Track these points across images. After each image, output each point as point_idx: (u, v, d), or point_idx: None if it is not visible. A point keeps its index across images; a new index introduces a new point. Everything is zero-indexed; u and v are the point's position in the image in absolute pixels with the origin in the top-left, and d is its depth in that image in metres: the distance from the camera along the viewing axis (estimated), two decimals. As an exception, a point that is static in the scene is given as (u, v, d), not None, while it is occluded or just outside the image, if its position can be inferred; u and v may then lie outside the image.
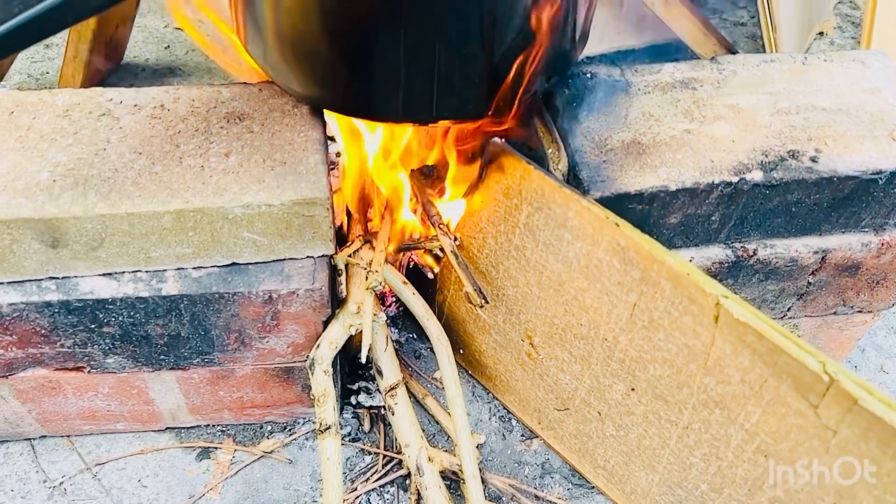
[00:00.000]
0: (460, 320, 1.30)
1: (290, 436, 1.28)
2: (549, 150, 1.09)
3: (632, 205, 1.03)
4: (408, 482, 1.22)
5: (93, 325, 1.03)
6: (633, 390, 1.05)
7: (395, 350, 1.27)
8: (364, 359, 1.08)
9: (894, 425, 0.77)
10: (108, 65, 1.92)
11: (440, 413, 1.29)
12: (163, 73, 2.00)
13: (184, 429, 1.29)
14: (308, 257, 1.05)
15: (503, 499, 1.21)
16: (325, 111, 1.09)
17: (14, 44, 0.74)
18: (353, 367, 1.34)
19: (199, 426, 1.29)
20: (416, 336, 1.43)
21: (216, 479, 1.22)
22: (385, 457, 1.25)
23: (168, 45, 2.08)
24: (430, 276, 1.27)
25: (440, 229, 1.15)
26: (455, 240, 1.15)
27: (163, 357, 1.11)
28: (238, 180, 0.97)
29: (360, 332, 1.10)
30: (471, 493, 1.10)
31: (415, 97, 0.96)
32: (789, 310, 1.27)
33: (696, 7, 1.93)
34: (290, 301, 1.04)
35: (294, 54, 0.98)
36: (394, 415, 1.18)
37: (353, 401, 1.31)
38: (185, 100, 1.07)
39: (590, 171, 1.04)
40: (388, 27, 0.89)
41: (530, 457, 1.28)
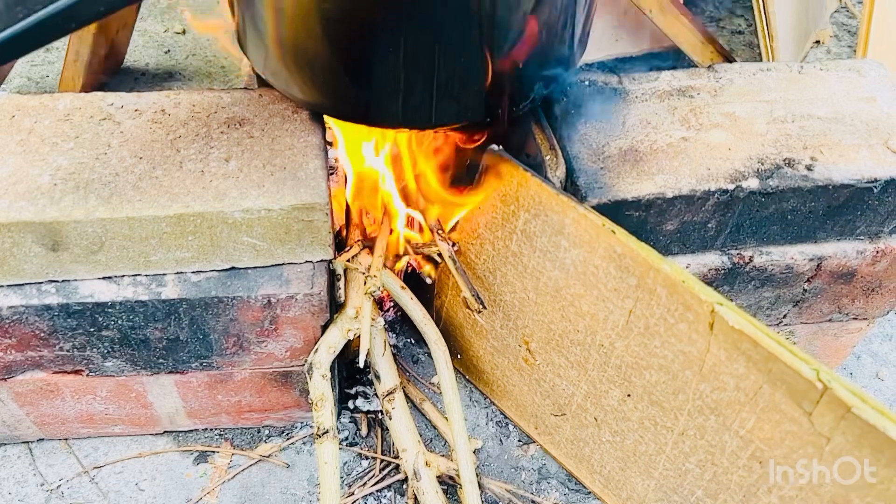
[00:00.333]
0: (458, 325, 1.31)
1: (288, 440, 1.29)
2: (547, 157, 1.09)
3: (629, 212, 1.04)
4: (405, 487, 1.22)
5: (92, 329, 1.03)
6: (629, 396, 1.06)
7: (393, 355, 1.27)
8: (362, 363, 1.09)
9: (887, 433, 0.78)
10: (108, 69, 1.93)
11: (437, 418, 1.29)
12: (163, 77, 2.01)
13: (182, 432, 1.29)
14: (307, 262, 1.05)
15: (500, 504, 1.22)
16: (325, 117, 1.10)
17: (17, 49, 0.75)
18: (350, 372, 1.34)
19: (196, 430, 1.29)
20: (413, 341, 1.44)
21: (214, 482, 1.23)
22: (382, 461, 1.25)
23: (168, 50, 2.09)
24: (429, 281, 1.27)
25: (438, 235, 1.16)
26: (453, 245, 1.16)
27: (161, 361, 1.11)
28: (238, 185, 0.98)
29: (359, 337, 1.10)
30: (468, 498, 1.10)
31: (414, 103, 0.97)
32: (785, 316, 1.27)
33: (694, 16, 1.94)
34: (288, 306, 1.04)
35: (294, 61, 0.99)
36: (391, 419, 1.18)
37: (351, 405, 1.31)
38: (186, 105, 1.07)
39: (587, 178, 1.05)
40: (387, 35, 0.89)
41: (527, 462, 1.28)
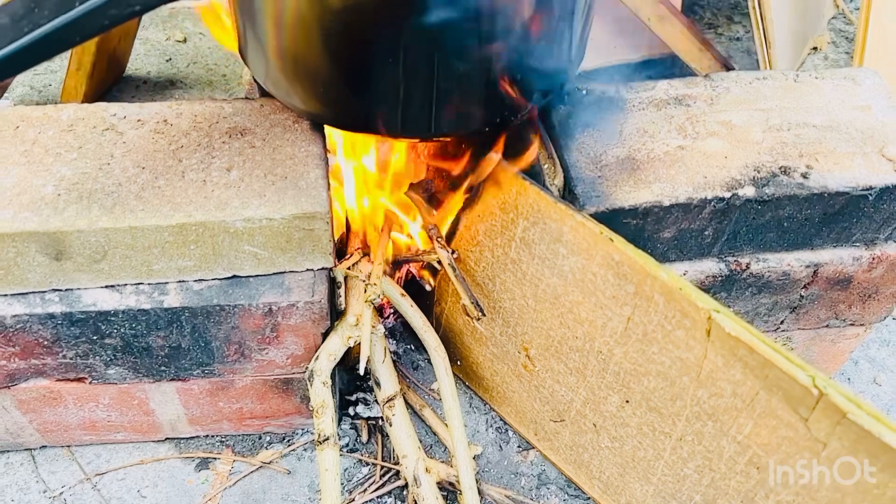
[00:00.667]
0: (458, 332, 1.32)
1: (289, 446, 1.29)
2: (545, 166, 1.10)
3: (626, 219, 1.05)
4: (405, 493, 1.23)
5: (95, 337, 1.04)
6: (627, 402, 1.07)
7: (394, 361, 1.28)
8: (362, 371, 1.10)
9: (882, 438, 0.78)
10: (110, 77, 1.94)
11: (437, 424, 1.30)
12: (164, 85, 2.02)
13: (183, 439, 1.30)
14: (308, 270, 1.06)
15: (499, 510, 1.22)
16: (326, 126, 1.11)
17: (23, 62, 0.76)
18: (351, 378, 1.35)
19: (198, 437, 1.30)
20: (414, 347, 1.45)
21: (215, 489, 1.23)
22: (383, 468, 1.26)
23: (169, 58, 2.10)
24: (428, 288, 1.28)
25: (438, 242, 1.17)
26: (452, 253, 1.17)
27: (163, 368, 1.12)
28: (239, 194, 0.99)
29: (359, 344, 1.11)
30: (467, 504, 1.11)
31: (414, 113, 0.98)
32: (782, 322, 1.28)
33: (692, 23, 1.96)
34: (289, 313, 1.05)
35: (295, 71, 1.00)
36: (391, 426, 1.19)
37: (352, 412, 1.32)
38: (188, 115, 1.09)
39: (585, 187, 1.06)
40: (386, 46, 0.90)
41: (527, 468, 1.29)
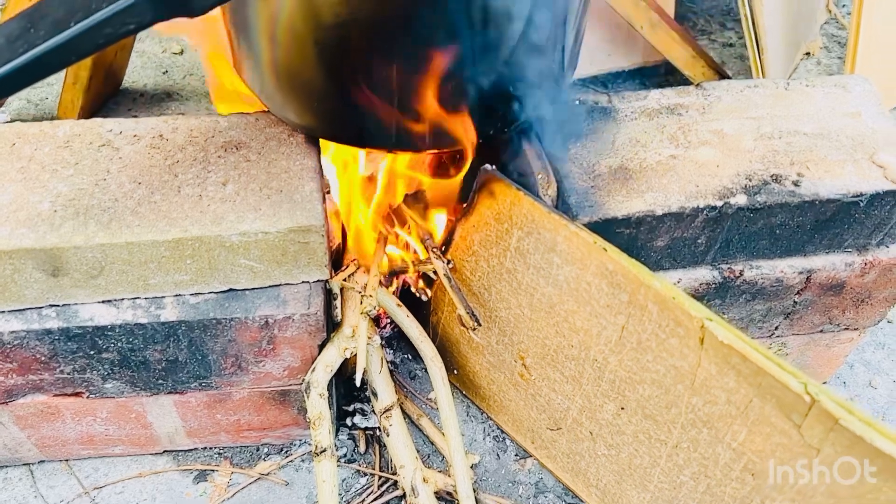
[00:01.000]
0: (454, 341, 1.33)
1: (287, 458, 1.30)
2: (539, 176, 1.11)
3: (619, 229, 1.06)
4: (403, 503, 1.23)
5: (92, 352, 1.04)
6: (623, 410, 1.07)
7: (390, 371, 1.28)
8: (359, 383, 1.10)
9: (874, 443, 0.79)
10: (106, 90, 1.95)
11: (435, 434, 1.30)
12: (161, 97, 2.03)
13: (181, 452, 1.30)
14: (304, 282, 1.07)
15: (498, 518, 1.23)
16: (321, 139, 1.12)
17: (20, 82, 0.76)
18: (348, 388, 1.35)
19: (196, 449, 1.30)
20: (411, 357, 1.45)
21: (213, 501, 1.23)
22: (380, 478, 1.26)
23: (166, 71, 2.11)
24: (424, 298, 1.29)
25: (433, 253, 1.17)
26: (448, 263, 1.18)
27: (161, 382, 1.12)
28: (235, 209, 0.99)
29: (356, 355, 1.12)
30: (465, 514, 1.12)
31: (408, 127, 0.99)
32: (777, 328, 1.29)
33: (684, 30, 1.97)
34: (285, 326, 1.06)
35: (289, 85, 1.01)
36: (389, 436, 1.19)
37: (349, 422, 1.32)
38: (184, 130, 1.09)
39: (578, 197, 1.07)
40: (380, 61, 0.91)
41: (524, 476, 1.29)
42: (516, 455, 1.32)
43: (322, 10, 0.88)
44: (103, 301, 1.02)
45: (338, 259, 1.29)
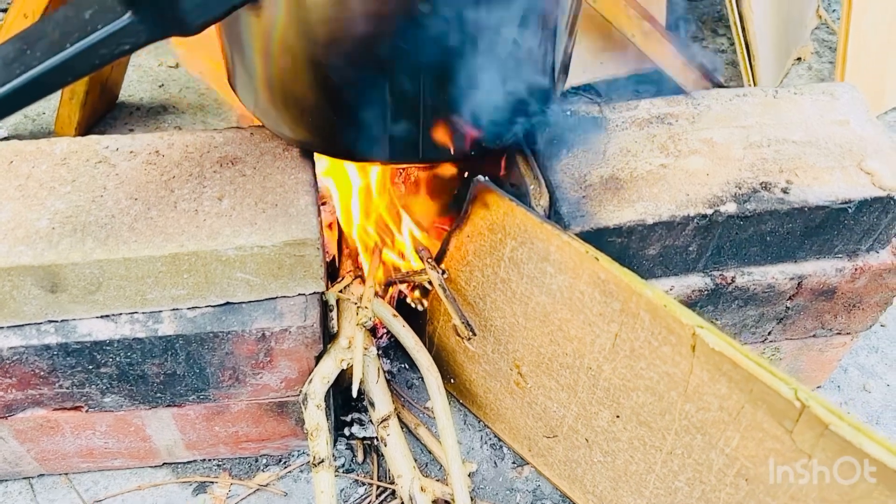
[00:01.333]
0: (450, 350, 1.34)
1: (285, 468, 1.30)
2: (531, 187, 1.13)
3: (611, 238, 1.07)
4: (402, 512, 1.24)
5: (91, 366, 1.05)
6: (618, 417, 1.08)
7: (388, 380, 1.29)
8: (355, 393, 1.11)
9: (864, 448, 0.80)
10: (103, 105, 1.96)
11: (433, 442, 1.31)
12: (157, 111, 2.04)
13: (180, 464, 1.31)
14: (300, 295, 1.08)
15: (496, 526, 1.23)
16: (315, 153, 1.13)
17: (17, 103, 0.78)
18: (346, 398, 1.36)
19: (195, 461, 1.31)
20: (408, 366, 1.46)
21: (213, 513, 1.24)
22: (379, 487, 1.27)
23: (162, 84, 2.13)
24: (420, 308, 1.30)
25: (428, 263, 1.18)
26: (443, 273, 1.19)
27: (159, 395, 1.13)
28: (231, 223, 1.01)
29: (353, 366, 1.13)
30: (463, 522, 1.12)
31: (401, 141, 1.00)
32: (770, 333, 1.30)
33: (676, 37, 1.99)
34: (282, 338, 1.07)
35: (283, 101, 1.02)
36: (386, 446, 1.20)
37: (347, 432, 1.33)
38: (180, 145, 1.11)
39: (570, 207, 1.08)
40: (373, 76, 0.93)
41: (522, 484, 1.30)
42: (513, 463, 1.33)
43: (315, 27, 0.89)
44: (101, 316, 1.03)
45: (333, 270, 1.31)
